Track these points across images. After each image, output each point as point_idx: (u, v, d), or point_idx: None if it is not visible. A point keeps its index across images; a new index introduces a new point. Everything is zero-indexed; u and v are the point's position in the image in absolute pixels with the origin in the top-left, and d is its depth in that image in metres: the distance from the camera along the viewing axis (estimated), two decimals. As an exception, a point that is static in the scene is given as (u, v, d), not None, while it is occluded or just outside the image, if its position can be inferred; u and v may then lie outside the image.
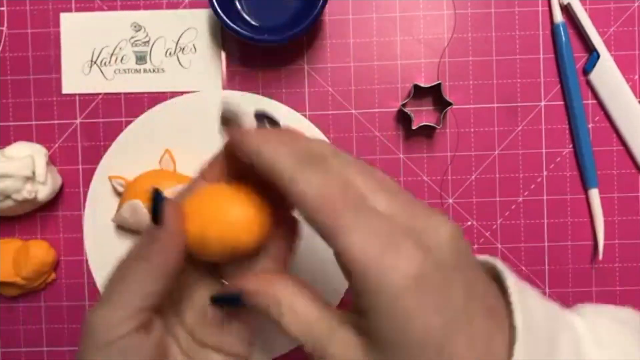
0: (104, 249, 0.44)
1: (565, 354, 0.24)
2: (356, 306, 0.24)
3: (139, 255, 0.26)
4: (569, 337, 0.25)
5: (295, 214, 0.28)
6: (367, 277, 0.22)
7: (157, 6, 0.44)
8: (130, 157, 0.43)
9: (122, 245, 0.44)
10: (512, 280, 0.25)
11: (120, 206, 0.42)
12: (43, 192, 0.42)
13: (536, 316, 0.24)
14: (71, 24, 0.44)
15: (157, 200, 0.26)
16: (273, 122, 0.28)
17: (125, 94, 0.44)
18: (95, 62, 0.44)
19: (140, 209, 0.41)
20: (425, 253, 0.22)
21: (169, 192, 0.39)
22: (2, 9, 0.44)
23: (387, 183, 0.25)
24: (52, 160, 0.44)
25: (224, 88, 0.44)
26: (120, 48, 0.44)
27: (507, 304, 0.24)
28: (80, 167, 0.44)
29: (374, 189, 0.24)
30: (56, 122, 0.44)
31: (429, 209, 0.24)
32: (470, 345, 0.22)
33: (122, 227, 0.43)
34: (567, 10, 0.43)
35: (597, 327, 0.27)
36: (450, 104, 0.41)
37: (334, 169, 0.24)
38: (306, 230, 0.26)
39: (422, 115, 0.44)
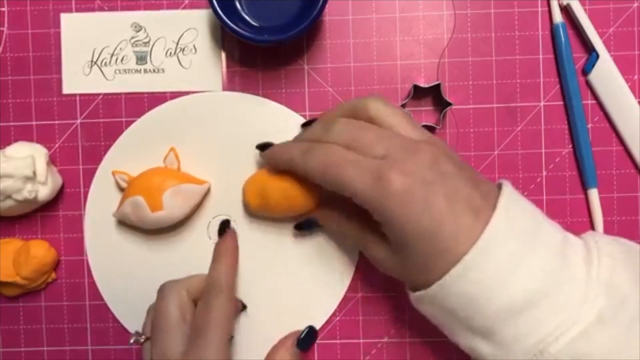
0: (104, 244, 0.44)
1: (545, 247, 0.32)
2: (376, 220, 0.34)
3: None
4: (555, 238, 0.33)
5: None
6: (369, 201, 0.33)
7: (157, 6, 0.44)
8: (134, 154, 0.44)
9: (122, 241, 0.44)
10: (507, 189, 0.34)
11: (122, 202, 0.42)
12: (43, 192, 0.42)
13: (518, 213, 0.33)
14: (71, 24, 0.44)
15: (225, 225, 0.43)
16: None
17: (126, 94, 0.44)
18: (95, 63, 0.44)
19: (142, 205, 0.41)
20: (406, 176, 0.32)
21: (172, 190, 0.40)
22: (2, 9, 0.44)
23: (381, 136, 0.35)
24: (52, 160, 0.44)
25: (224, 88, 0.44)
26: (120, 48, 0.44)
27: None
28: (80, 167, 0.44)
29: (370, 144, 0.34)
30: (56, 122, 0.44)
31: (415, 145, 0.34)
32: (455, 235, 0.32)
33: (123, 223, 0.44)
34: (566, 10, 0.43)
35: (591, 238, 0.34)
36: (449, 104, 0.41)
37: (323, 148, 0.35)
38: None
39: (422, 116, 0.44)
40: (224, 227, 0.42)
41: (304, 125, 0.42)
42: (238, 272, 0.43)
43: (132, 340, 0.39)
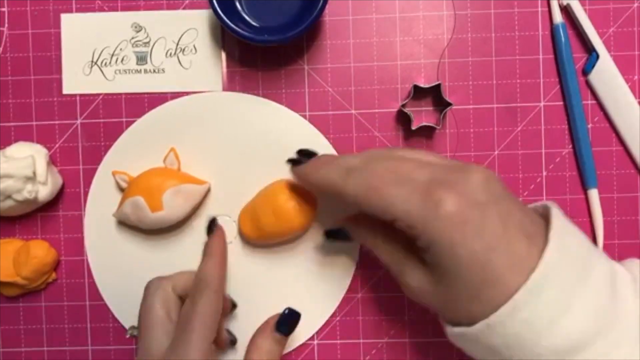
0: (104, 244, 0.44)
1: (596, 282, 0.30)
2: (420, 246, 0.32)
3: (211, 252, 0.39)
4: (604, 271, 0.31)
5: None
6: (417, 224, 0.30)
7: (157, 7, 0.44)
8: (134, 154, 0.44)
9: (122, 241, 0.44)
10: (557, 217, 0.31)
11: (122, 202, 0.42)
12: (43, 192, 0.42)
13: (571, 245, 0.30)
14: (72, 24, 0.44)
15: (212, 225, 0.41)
16: (312, 154, 0.39)
17: (126, 94, 0.44)
18: (95, 63, 0.44)
19: (142, 205, 0.41)
20: (459, 195, 0.30)
21: (172, 190, 0.40)
22: (2, 9, 0.44)
23: (425, 160, 0.33)
24: (52, 161, 0.44)
25: (224, 89, 0.44)
26: (120, 49, 0.44)
27: (548, 233, 0.30)
28: (80, 167, 0.44)
29: (413, 170, 0.32)
30: (57, 122, 0.44)
31: (464, 165, 0.32)
32: (509, 263, 0.29)
33: (123, 223, 0.44)
34: (566, 10, 0.43)
35: (636, 267, 0.32)
36: (450, 104, 0.41)
37: (366, 170, 0.33)
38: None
39: (422, 116, 0.44)
40: (212, 225, 0.41)
41: (294, 161, 0.39)
42: (228, 270, 0.43)
43: (128, 334, 0.40)
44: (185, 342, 0.35)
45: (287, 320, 0.39)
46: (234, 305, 0.43)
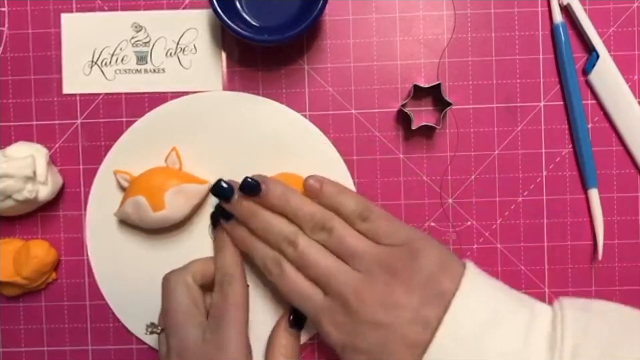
0: (105, 244, 0.44)
1: (501, 343, 0.32)
2: None
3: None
4: (515, 327, 0.32)
5: None
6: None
7: (157, 6, 0.44)
8: (135, 154, 0.44)
9: (123, 241, 0.44)
10: (467, 281, 0.34)
11: (123, 201, 0.42)
12: (44, 192, 0.42)
13: (473, 314, 0.33)
14: (72, 24, 0.44)
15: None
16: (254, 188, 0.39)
17: (126, 94, 0.44)
18: (96, 63, 0.44)
19: (143, 205, 0.41)
20: (340, 329, 0.36)
21: (173, 190, 0.40)
22: (3, 9, 0.44)
23: (330, 273, 0.37)
24: (52, 160, 0.44)
25: (224, 88, 0.44)
26: (120, 48, 0.44)
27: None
28: (80, 167, 0.44)
29: (316, 276, 0.37)
30: (57, 122, 0.44)
31: (363, 316, 0.35)
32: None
33: (124, 223, 0.44)
34: (566, 10, 0.43)
35: (560, 309, 0.33)
36: (450, 104, 0.41)
37: (289, 277, 0.38)
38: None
39: (422, 116, 0.44)
40: (215, 218, 0.42)
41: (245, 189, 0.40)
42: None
43: (148, 332, 0.40)
44: (225, 331, 0.37)
45: (297, 316, 0.41)
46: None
